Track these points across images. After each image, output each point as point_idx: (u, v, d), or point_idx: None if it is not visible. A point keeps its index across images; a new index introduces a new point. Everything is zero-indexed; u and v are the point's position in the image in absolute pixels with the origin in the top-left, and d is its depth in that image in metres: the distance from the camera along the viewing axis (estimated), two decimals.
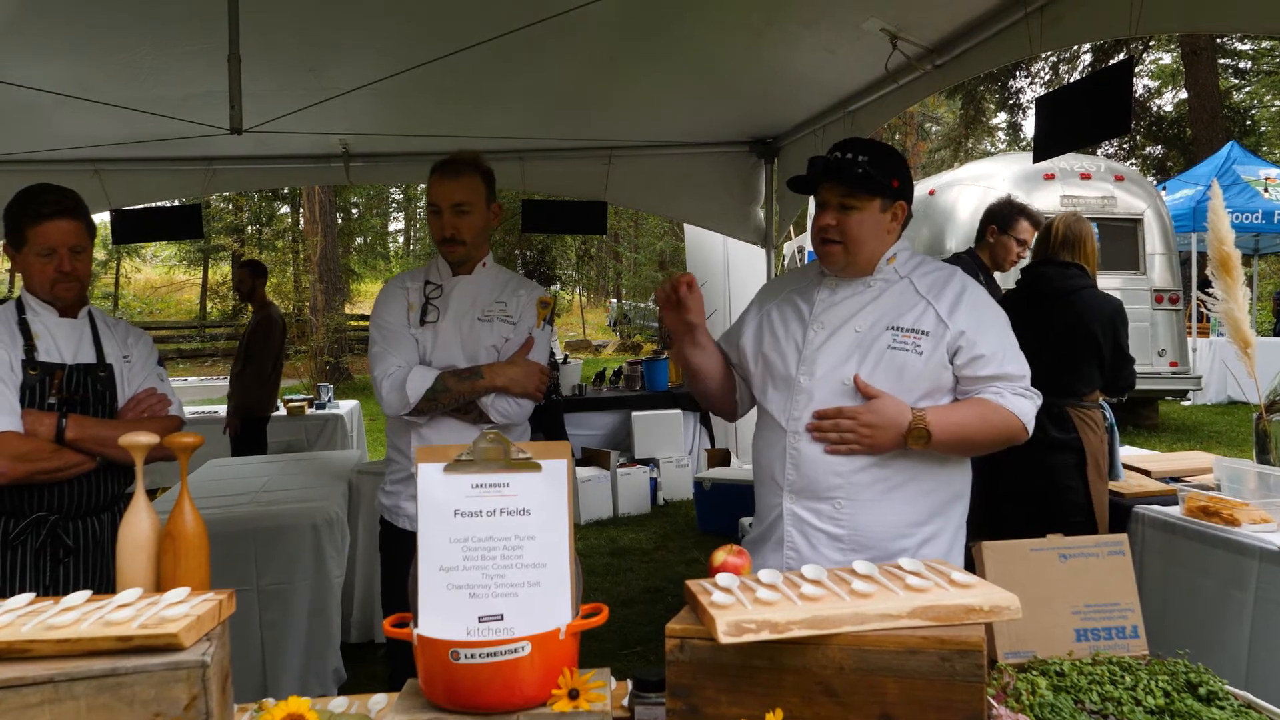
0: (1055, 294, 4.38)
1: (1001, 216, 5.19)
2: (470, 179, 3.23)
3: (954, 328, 2.50)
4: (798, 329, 2.63)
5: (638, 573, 7.27)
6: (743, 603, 1.69)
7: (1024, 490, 4.28)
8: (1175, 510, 4.05)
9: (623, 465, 9.39)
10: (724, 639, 1.60)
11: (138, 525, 1.95)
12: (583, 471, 9.08)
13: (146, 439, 2.00)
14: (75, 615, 1.67)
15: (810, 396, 2.52)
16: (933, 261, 2.69)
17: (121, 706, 1.55)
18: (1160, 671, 1.97)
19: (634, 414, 9.89)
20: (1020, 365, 2.56)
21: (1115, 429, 4.39)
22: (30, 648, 1.58)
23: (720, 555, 1.99)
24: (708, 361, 2.77)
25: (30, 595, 1.81)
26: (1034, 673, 1.99)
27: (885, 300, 2.57)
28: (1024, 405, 2.52)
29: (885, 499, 2.48)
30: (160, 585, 1.92)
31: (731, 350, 2.83)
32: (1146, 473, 4.73)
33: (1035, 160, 4.17)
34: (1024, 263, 4.92)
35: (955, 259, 5.38)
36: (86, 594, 1.79)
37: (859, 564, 1.87)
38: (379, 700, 2.08)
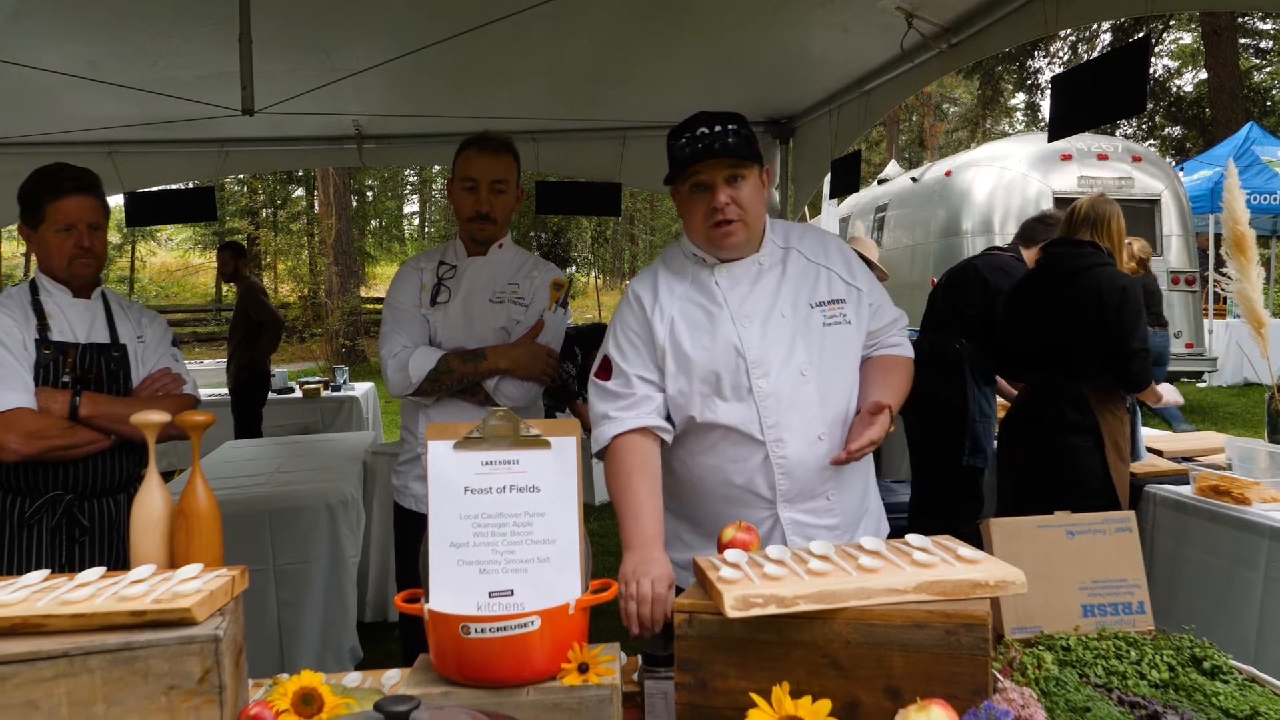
0: (1066, 273, 4.26)
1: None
2: (506, 159, 3.23)
3: (863, 287, 2.49)
4: (725, 332, 2.41)
5: None
6: (750, 578, 1.70)
7: (1043, 474, 4.20)
8: (1187, 490, 4.05)
9: None
10: (731, 613, 1.61)
11: (150, 503, 1.97)
12: None
13: (158, 417, 2.02)
14: (90, 591, 1.70)
15: (779, 400, 2.36)
16: (790, 223, 2.61)
17: (136, 679, 1.58)
18: (1165, 646, 1.98)
19: None
20: (891, 302, 2.59)
21: (1137, 410, 4.35)
22: (45, 622, 1.60)
23: (729, 532, 2.00)
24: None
25: (45, 572, 1.83)
26: (1040, 647, 2.00)
27: (791, 277, 2.46)
28: (909, 343, 2.59)
29: (854, 471, 2.49)
30: (173, 562, 1.94)
31: (656, 376, 2.45)
32: (1159, 453, 4.73)
33: (1050, 140, 4.15)
34: None
35: (999, 255, 5.40)
36: (101, 570, 1.82)
37: (866, 540, 1.87)
38: (392, 675, 2.10)
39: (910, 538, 1.88)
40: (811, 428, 2.38)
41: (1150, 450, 4.71)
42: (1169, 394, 4.48)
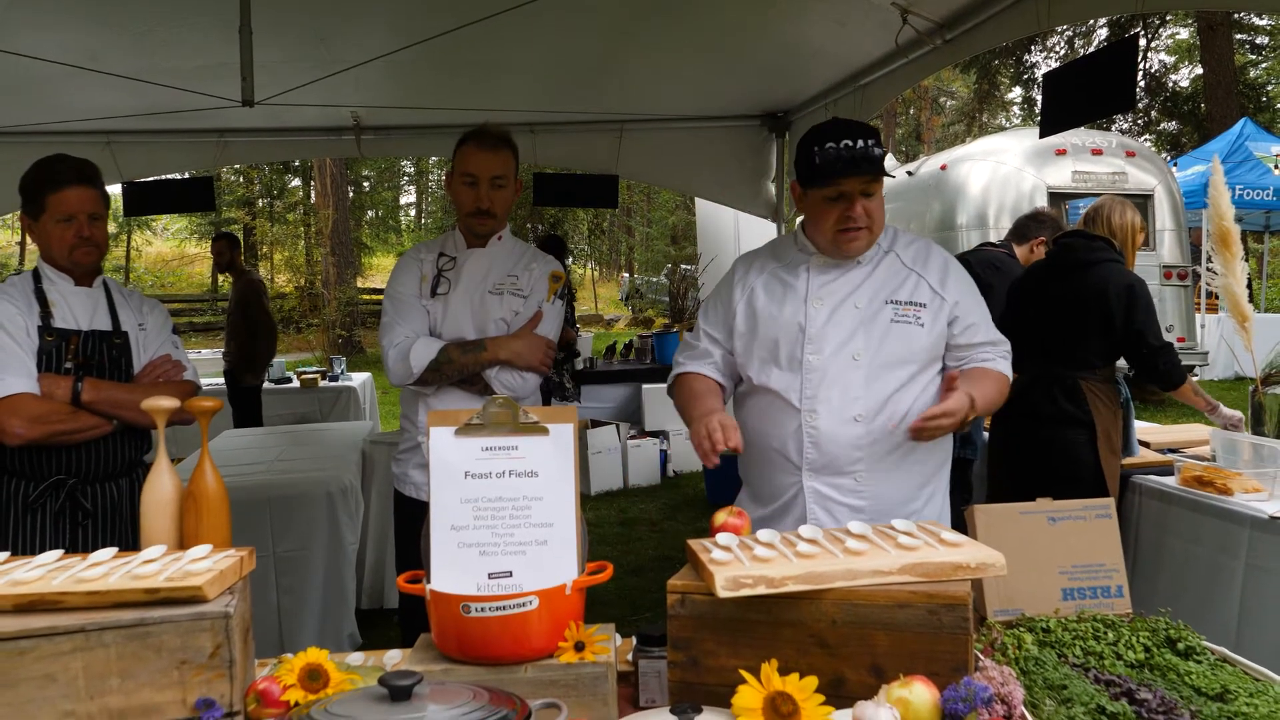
0: (1075, 265, 4.31)
1: (1053, 233, 5.29)
2: (505, 153, 3.27)
3: (949, 299, 2.58)
4: (794, 308, 2.62)
5: (647, 542, 7.35)
6: (741, 560, 1.76)
7: (1036, 467, 4.24)
8: (1171, 480, 4.11)
9: (633, 437, 9.44)
10: (722, 593, 1.67)
11: (161, 485, 2.03)
12: (594, 442, 9.13)
13: (168, 403, 2.08)
14: (103, 569, 1.75)
15: (823, 375, 2.54)
16: (904, 232, 2.73)
17: (149, 654, 1.63)
18: (1141, 628, 2.04)
19: (644, 387, 9.94)
20: (995, 329, 2.68)
21: (1130, 405, 4.39)
22: (62, 599, 1.66)
23: (721, 516, 2.06)
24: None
25: (59, 552, 1.89)
26: (1021, 629, 2.06)
27: (879, 275, 2.61)
28: (1009, 368, 2.66)
29: (900, 465, 2.55)
30: (183, 543, 2.00)
31: (722, 335, 2.75)
32: (1146, 444, 4.78)
33: (1041, 135, 4.19)
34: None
35: (991, 250, 5.46)
36: (113, 550, 1.87)
37: (854, 524, 1.93)
38: (394, 655, 2.16)
39: (896, 522, 1.94)
40: (849, 407, 2.52)
41: (1139, 442, 4.76)
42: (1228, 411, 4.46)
